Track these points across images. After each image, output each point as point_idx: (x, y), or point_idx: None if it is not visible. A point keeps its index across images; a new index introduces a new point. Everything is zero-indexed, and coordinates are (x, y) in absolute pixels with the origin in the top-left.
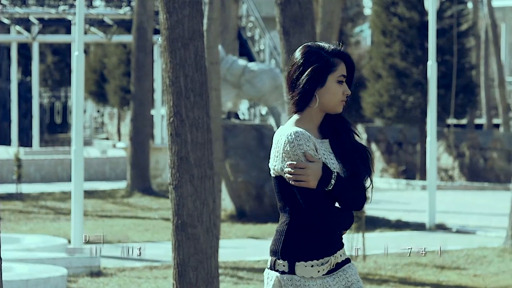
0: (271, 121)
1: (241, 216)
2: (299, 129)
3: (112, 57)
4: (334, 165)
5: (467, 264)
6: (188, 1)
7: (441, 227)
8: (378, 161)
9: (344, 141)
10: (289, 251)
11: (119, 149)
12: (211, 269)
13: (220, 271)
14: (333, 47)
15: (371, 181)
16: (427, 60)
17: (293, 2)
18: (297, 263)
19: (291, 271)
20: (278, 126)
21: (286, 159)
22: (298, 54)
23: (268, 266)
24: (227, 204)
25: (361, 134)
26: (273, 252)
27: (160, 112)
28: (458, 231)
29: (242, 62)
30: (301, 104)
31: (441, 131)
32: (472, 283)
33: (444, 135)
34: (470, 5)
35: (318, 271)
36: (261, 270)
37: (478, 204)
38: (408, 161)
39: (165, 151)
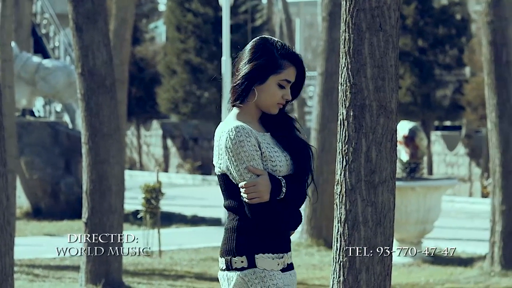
0: (66, 118)
1: (36, 213)
2: (239, 124)
3: None
4: (280, 159)
5: None
6: None
7: None
8: (174, 156)
9: (287, 136)
10: (245, 246)
11: None
12: (5, 267)
13: (15, 268)
14: (287, 49)
15: (313, 179)
16: (221, 56)
17: None
18: (256, 256)
19: (251, 264)
20: (73, 123)
21: (229, 155)
22: (251, 44)
23: (223, 268)
24: (22, 201)
25: (304, 132)
26: (227, 252)
27: None
28: None
29: (36, 59)
30: (238, 95)
31: None
32: None
33: None
34: (264, 0)
35: (278, 264)
36: (57, 268)
37: None
38: (204, 156)
39: None
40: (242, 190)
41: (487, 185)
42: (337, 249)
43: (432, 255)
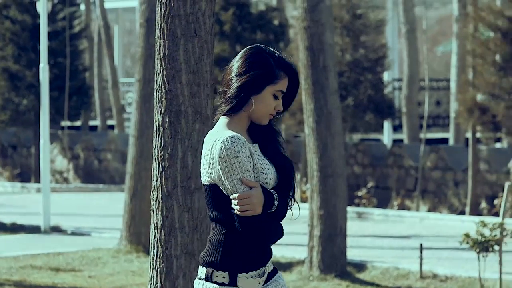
0: None
1: None
2: (234, 134)
3: None
4: (270, 171)
5: (82, 266)
6: None
7: (56, 230)
8: None
9: (275, 148)
10: (229, 262)
11: None
12: None
13: None
14: (283, 59)
15: (294, 194)
16: (39, 63)
17: None
18: (239, 275)
19: (233, 282)
20: None
21: (222, 165)
22: (245, 52)
23: (203, 277)
24: None
25: (286, 145)
26: (209, 263)
27: None
28: (73, 233)
29: None
30: (234, 106)
31: (56, 134)
32: (87, 284)
33: (59, 137)
34: (82, 7)
35: (259, 283)
36: None
37: (93, 206)
38: (23, 164)
39: None
40: (234, 202)
41: (305, 190)
42: (154, 255)
43: None
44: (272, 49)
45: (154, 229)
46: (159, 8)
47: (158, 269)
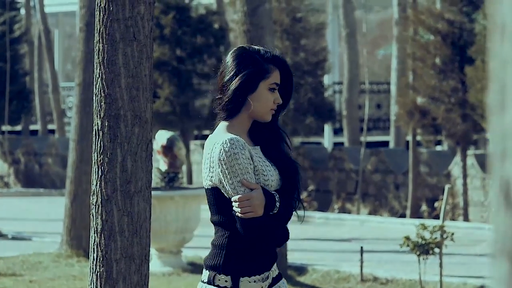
0: None
1: None
2: (233, 136)
3: None
4: (271, 173)
5: (23, 270)
6: None
7: None
8: None
9: (276, 150)
10: (232, 266)
11: None
12: None
13: None
14: (269, 52)
15: (299, 197)
16: None
17: None
18: (241, 279)
19: (235, 287)
20: None
21: (222, 168)
22: (231, 56)
23: (205, 280)
24: None
25: (292, 147)
26: (212, 267)
27: None
28: (14, 238)
29: None
30: (232, 110)
31: None
32: None
33: None
34: (23, 11)
35: (262, 287)
36: None
37: (34, 210)
38: None
39: None
40: (235, 204)
41: None
42: (94, 259)
43: (192, 263)
44: (254, 46)
45: (94, 233)
46: (98, 12)
47: (98, 273)
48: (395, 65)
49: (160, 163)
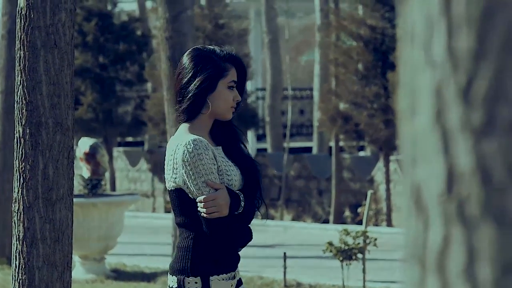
0: None
1: None
2: (196, 137)
3: None
4: (234, 172)
5: None
6: None
7: None
8: None
9: (236, 149)
10: (200, 267)
11: None
12: None
13: None
14: (225, 51)
15: (262, 196)
16: None
17: None
18: (211, 278)
19: (206, 286)
20: None
21: (186, 169)
22: (187, 58)
23: (175, 286)
24: None
25: (249, 145)
26: (179, 271)
27: None
28: None
29: None
30: (192, 112)
31: None
32: None
33: None
34: None
35: (231, 285)
36: None
37: None
38: None
39: None
40: (200, 204)
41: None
42: (16, 266)
43: (115, 270)
44: (209, 46)
45: (16, 240)
46: (19, 19)
47: (20, 281)
48: (317, 71)
49: (83, 170)
